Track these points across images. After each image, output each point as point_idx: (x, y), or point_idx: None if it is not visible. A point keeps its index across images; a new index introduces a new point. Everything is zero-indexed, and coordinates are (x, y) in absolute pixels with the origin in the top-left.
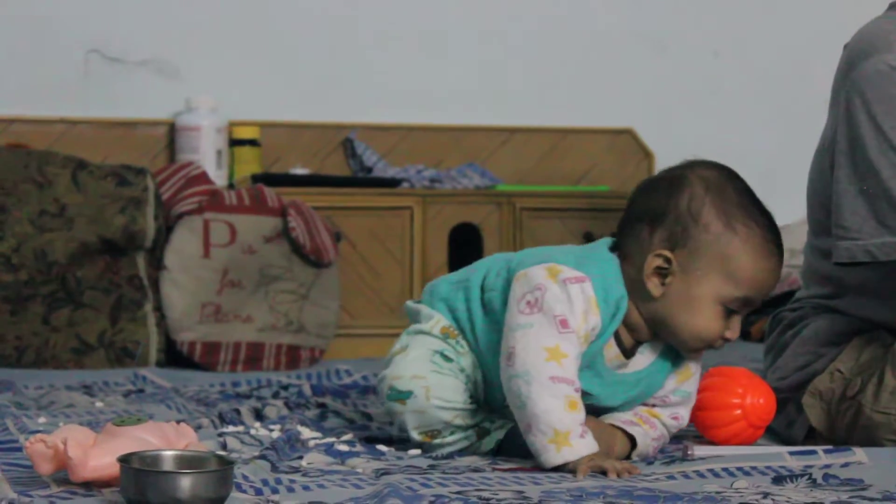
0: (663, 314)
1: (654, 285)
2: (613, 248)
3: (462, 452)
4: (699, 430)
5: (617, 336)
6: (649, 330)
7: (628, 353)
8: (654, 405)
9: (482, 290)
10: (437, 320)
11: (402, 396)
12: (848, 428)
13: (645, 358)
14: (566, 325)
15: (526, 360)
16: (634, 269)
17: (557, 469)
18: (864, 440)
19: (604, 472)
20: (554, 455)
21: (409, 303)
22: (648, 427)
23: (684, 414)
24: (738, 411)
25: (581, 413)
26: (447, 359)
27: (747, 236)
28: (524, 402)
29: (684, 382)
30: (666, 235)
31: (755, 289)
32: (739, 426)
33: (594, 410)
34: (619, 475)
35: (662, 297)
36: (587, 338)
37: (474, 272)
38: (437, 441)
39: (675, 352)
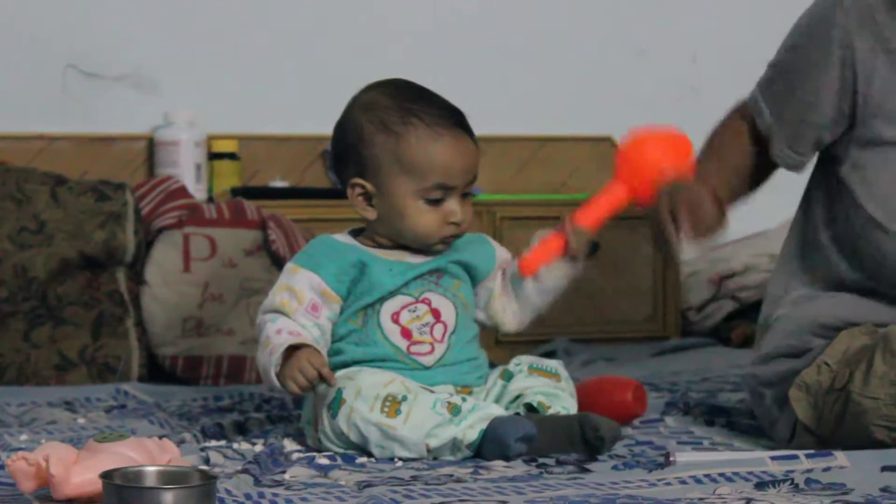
0: (390, 229)
1: (365, 211)
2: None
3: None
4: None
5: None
6: (397, 245)
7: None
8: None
9: None
10: None
11: (335, 405)
12: (837, 418)
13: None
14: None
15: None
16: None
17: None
18: (853, 428)
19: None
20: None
21: None
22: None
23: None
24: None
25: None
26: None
27: (405, 132)
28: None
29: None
30: (353, 167)
31: (438, 171)
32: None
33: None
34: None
35: (379, 217)
36: (323, 295)
37: None
38: (403, 410)
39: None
